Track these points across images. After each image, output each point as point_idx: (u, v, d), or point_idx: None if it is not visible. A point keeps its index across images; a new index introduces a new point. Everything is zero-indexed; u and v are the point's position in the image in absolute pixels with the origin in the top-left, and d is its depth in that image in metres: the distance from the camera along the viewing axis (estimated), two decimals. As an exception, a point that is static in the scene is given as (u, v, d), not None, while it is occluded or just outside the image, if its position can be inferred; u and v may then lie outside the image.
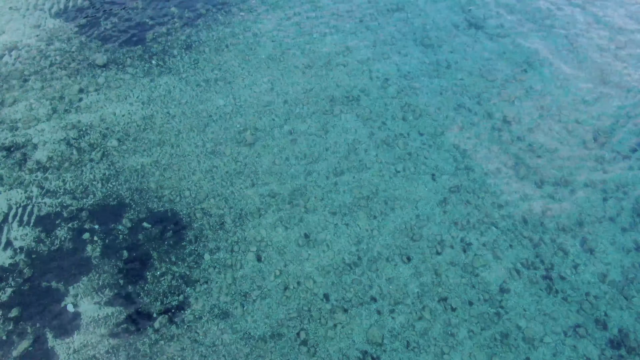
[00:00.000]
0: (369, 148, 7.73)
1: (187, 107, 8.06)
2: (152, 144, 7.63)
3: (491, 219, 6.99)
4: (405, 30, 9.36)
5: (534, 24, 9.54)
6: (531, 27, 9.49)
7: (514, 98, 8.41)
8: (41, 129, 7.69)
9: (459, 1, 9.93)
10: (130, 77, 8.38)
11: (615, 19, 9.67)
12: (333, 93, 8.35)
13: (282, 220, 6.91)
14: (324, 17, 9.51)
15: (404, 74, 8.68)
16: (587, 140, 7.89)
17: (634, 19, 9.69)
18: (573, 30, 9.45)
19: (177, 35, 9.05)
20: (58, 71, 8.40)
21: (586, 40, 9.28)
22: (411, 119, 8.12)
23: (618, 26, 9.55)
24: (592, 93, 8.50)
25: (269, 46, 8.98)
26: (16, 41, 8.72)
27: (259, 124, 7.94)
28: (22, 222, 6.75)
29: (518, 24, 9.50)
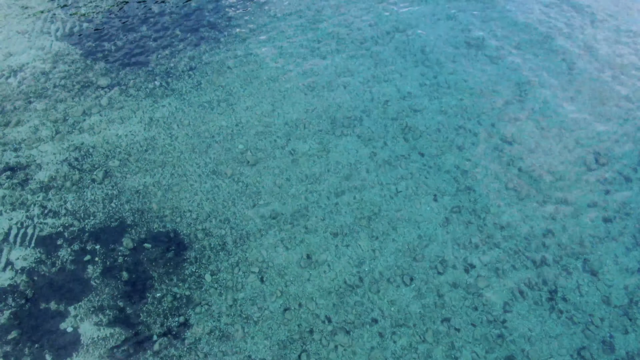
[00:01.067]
0: (370, 168, 7.87)
1: (189, 128, 8.25)
2: (154, 164, 7.78)
3: (493, 239, 7.07)
4: (405, 52, 9.61)
5: (533, 46, 9.79)
6: (530, 49, 9.74)
7: (514, 119, 8.59)
8: (44, 150, 7.86)
9: (459, 24, 10.22)
10: (133, 99, 8.60)
11: (613, 43, 9.93)
12: (334, 114, 8.55)
13: (283, 241, 7.00)
14: (325, 39, 9.78)
15: (405, 95, 8.89)
16: (588, 161, 8.03)
17: (630, 45, 9.94)
18: (571, 53, 9.69)
19: (180, 58, 9.31)
20: (62, 93, 8.62)
21: (584, 62, 9.52)
22: (412, 139, 8.28)
23: (615, 50, 9.79)
24: (592, 114, 8.68)
25: (270, 68, 9.23)
26: (22, 63, 8.98)
27: (261, 144, 8.11)
28: (23, 243, 6.85)
29: (517, 46, 9.76)
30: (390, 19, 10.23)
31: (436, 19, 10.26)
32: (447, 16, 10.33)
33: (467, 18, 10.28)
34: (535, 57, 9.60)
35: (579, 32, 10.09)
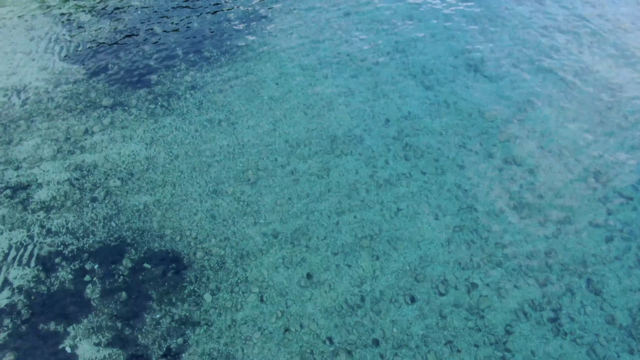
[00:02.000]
0: (370, 187, 7.96)
1: (190, 147, 8.38)
2: (154, 183, 7.89)
3: (495, 259, 7.11)
4: (405, 72, 9.82)
5: (532, 66, 10.00)
6: (529, 69, 9.94)
7: (514, 138, 8.72)
8: (45, 169, 7.98)
9: (458, 44, 10.45)
10: (135, 118, 8.76)
11: (611, 63, 10.13)
12: (335, 133, 8.69)
13: (284, 260, 7.05)
14: (326, 59, 10.00)
15: (405, 114, 9.04)
16: (589, 180, 8.12)
17: (628, 64, 10.15)
18: (570, 72, 9.89)
19: (182, 77, 9.51)
20: (64, 112, 8.78)
21: (583, 82, 9.70)
22: (413, 158, 8.40)
23: (614, 69, 9.99)
24: (591, 133, 8.81)
25: (271, 88, 9.41)
26: (25, 83, 9.17)
27: (261, 163, 8.22)
28: (22, 262, 6.90)
29: (515, 66, 9.97)
30: (390, 40, 10.47)
31: (435, 39, 10.50)
32: (446, 37, 10.57)
33: (466, 39, 10.53)
34: (534, 76, 9.80)
35: (577, 51, 10.31)
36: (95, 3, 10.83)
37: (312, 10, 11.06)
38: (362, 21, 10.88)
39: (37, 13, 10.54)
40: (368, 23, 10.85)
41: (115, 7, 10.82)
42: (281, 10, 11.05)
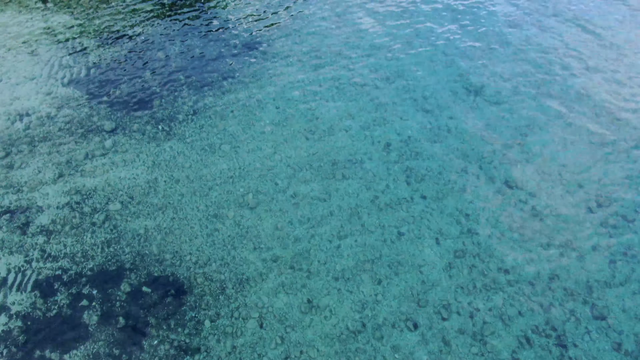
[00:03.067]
0: (371, 211, 8.04)
1: (191, 171, 8.49)
2: (155, 207, 7.96)
3: (498, 283, 7.13)
4: (405, 97, 10.02)
5: (530, 91, 10.21)
6: (528, 94, 10.15)
7: (514, 162, 8.84)
8: (46, 193, 8.07)
9: (457, 69, 10.70)
10: (136, 142, 8.90)
11: (609, 88, 10.35)
12: (336, 157, 8.82)
13: (284, 286, 7.06)
14: (326, 84, 10.22)
15: (406, 138, 9.19)
16: (591, 204, 8.20)
17: (627, 89, 10.37)
18: (569, 98, 10.09)
19: (184, 102, 9.71)
20: (66, 136, 8.94)
21: (582, 107, 9.89)
22: (414, 182, 8.50)
23: (612, 94, 10.20)
24: (592, 157, 8.94)
25: (272, 112, 9.60)
26: (28, 108, 9.36)
27: (262, 187, 8.32)
28: (20, 287, 6.92)
29: (514, 91, 10.18)
30: (390, 65, 10.73)
31: (435, 65, 10.75)
32: (445, 62, 10.83)
33: (466, 64, 10.78)
34: (533, 101, 9.99)
35: (575, 77, 10.55)
36: (99, 29, 11.14)
37: (313, 36, 11.36)
38: (361, 46, 11.16)
39: (41, 39, 10.83)
40: (367, 48, 11.12)
41: (118, 33, 11.12)
42: (282, 36, 11.34)
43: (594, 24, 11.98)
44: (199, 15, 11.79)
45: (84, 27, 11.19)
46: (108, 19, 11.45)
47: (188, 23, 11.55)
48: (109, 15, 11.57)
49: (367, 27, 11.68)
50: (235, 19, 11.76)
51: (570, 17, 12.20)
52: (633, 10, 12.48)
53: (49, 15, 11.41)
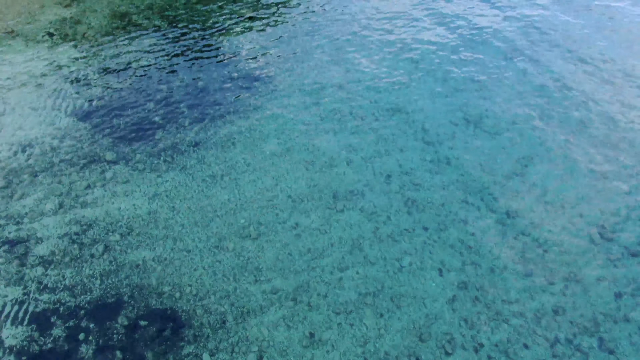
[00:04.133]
0: (373, 243, 8.07)
1: (192, 202, 8.57)
2: (155, 238, 7.99)
3: (502, 316, 7.09)
4: (405, 129, 10.21)
5: (529, 122, 10.41)
6: (527, 125, 10.35)
7: (516, 193, 8.94)
8: (46, 224, 8.11)
9: (456, 101, 10.94)
10: (137, 173, 9.02)
11: (608, 122, 10.57)
12: (336, 189, 8.92)
13: (285, 319, 7.02)
14: (327, 116, 10.42)
15: (406, 170, 9.32)
16: (594, 235, 8.24)
17: (626, 120, 10.58)
18: (568, 130, 10.29)
19: (186, 133, 9.88)
20: (68, 167, 9.06)
21: (581, 138, 10.07)
22: (415, 213, 8.56)
23: (611, 128, 10.41)
24: (593, 188, 9.04)
25: (273, 143, 9.75)
26: (31, 138, 9.52)
27: (263, 218, 8.38)
28: (16, 320, 6.87)
29: (513, 122, 10.39)
30: (390, 97, 10.97)
31: (434, 97, 11.00)
32: (444, 94, 11.09)
33: (464, 96, 11.03)
34: (533, 132, 10.18)
35: (574, 108, 10.77)
36: (103, 62, 11.44)
37: (314, 69, 11.67)
38: (361, 79, 11.44)
39: (46, 71, 11.11)
40: (367, 81, 11.40)
41: (122, 65, 11.42)
42: (283, 69, 11.65)
43: (591, 57, 12.32)
44: (202, 48, 12.13)
45: (88, 60, 11.50)
46: (112, 52, 11.78)
47: (191, 56, 11.87)
48: (113, 49, 11.90)
49: (366, 60, 12.01)
50: (238, 52, 12.10)
51: (569, 49, 12.56)
52: (630, 42, 12.86)
53: (54, 49, 11.74)
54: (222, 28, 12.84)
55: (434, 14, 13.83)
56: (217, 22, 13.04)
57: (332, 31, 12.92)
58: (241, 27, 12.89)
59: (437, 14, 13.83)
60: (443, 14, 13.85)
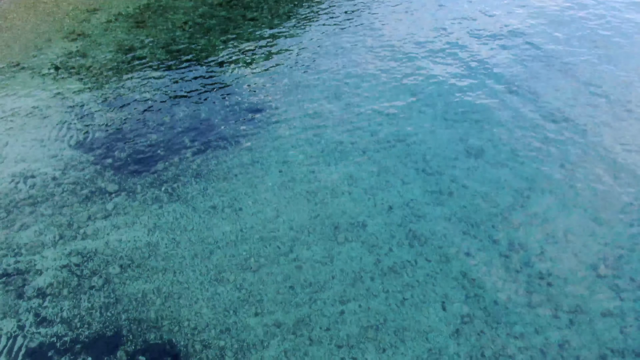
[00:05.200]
0: (375, 276, 8.06)
1: (193, 234, 8.61)
2: (155, 270, 8.00)
3: (507, 351, 7.01)
4: (406, 160, 10.35)
5: (530, 153, 10.56)
6: (528, 157, 10.49)
7: (518, 224, 8.98)
8: (45, 255, 8.13)
9: (457, 133, 11.12)
10: (139, 204, 9.09)
11: (608, 150, 10.72)
12: (338, 220, 8.97)
13: (287, 353, 6.94)
14: (328, 148, 10.58)
15: (408, 201, 9.39)
16: (598, 267, 8.23)
17: (625, 151, 10.73)
18: (569, 160, 10.42)
19: (188, 164, 10.01)
20: (69, 198, 9.14)
21: (583, 169, 10.19)
22: (417, 245, 8.58)
23: (612, 157, 10.54)
24: (596, 220, 9.09)
25: (275, 175, 9.87)
26: (33, 169, 9.65)
27: (264, 250, 8.40)
28: (10, 355, 6.80)
29: (514, 153, 10.54)
30: (391, 129, 11.17)
31: (434, 128, 11.20)
32: (445, 126, 11.28)
33: (465, 128, 11.23)
34: (534, 163, 10.30)
35: (573, 140, 10.94)
36: (107, 94, 11.71)
37: (315, 101, 11.92)
38: (362, 112, 11.67)
39: (51, 103, 11.36)
40: (368, 113, 11.63)
41: (126, 98, 11.68)
42: (286, 102, 11.90)
43: (591, 88, 12.59)
44: (205, 80, 12.43)
45: (93, 92, 11.76)
46: (116, 85, 12.07)
47: (194, 88, 12.15)
48: (117, 81, 12.20)
49: (366, 92, 12.27)
50: (240, 84, 12.39)
51: (569, 81, 12.85)
52: (630, 72, 13.16)
53: (59, 81, 12.03)
54: (224, 61, 13.18)
55: (432, 45, 14.22)
56: (219, 55, 13.40)
57: (332, 64, 13.26)
58: (243, 61, 13.24)
59: (436, 45, 14.21)
60: (442, 46, 14.24)
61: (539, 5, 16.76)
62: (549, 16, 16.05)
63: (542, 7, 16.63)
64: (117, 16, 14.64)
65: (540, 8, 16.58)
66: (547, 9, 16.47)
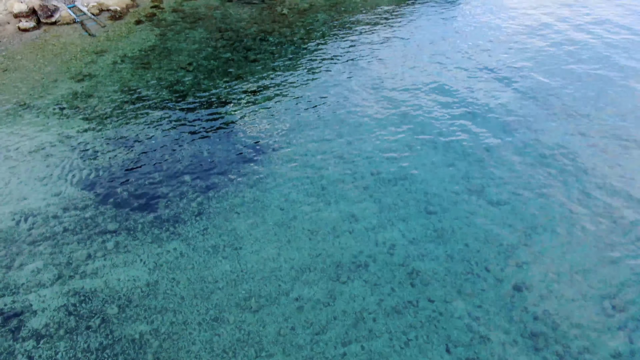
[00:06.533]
0: (377, 316, 7.96)
1: (193, 273, 8.58)
2: (153, 311, 7.92)
3: (515, 396, 6.85)
4: (408, 199, 10.42)
5: (531, 192, 10.64)
6: (529, 195, 10.56)
7: (522, 264, 8.94)
8: (43, 295, 8.08)
9: (458, 171, 11.25)
10: (139, 243, 9.11)
11: (609, 189, 10.80)
12: (340, 259, 8.95)
13: (287, 398, 6.78)
14: (330, 187, 10.68)
15: (410, 240, 9.40)
16: (605, 307, 8.14)
17: (625, 189, 10.81)
18: (570, 199, 10.49)
19: (189, 203, 10.09)
20: (69, 237, 9.17)
21: (584, 207, 10.24)
22: (420, 285, 8.53)
23: (613, 196, 10.61)
24: (600, 258, 9.06)
25: (276, 213, 9.92)
26: (34, 208, 9.72)
27: (265, 290, 8.34)
28: (3, 399, 6.66)
29: (515, 192, 10.62)
30: (392, 167, 11.30)
31: (436, 167, 11.33)
32: (446, 164, 11.42)
33: (466, 166, 11.36)
34: (535, 201, 10.37)
35: (575, 180, 11.04)
36: (111, 133, 11.93)
37: (316, 140, 12.12)
38: (363, 150, 11.85)
39: (55, 142, 11.56)
40: (369, 151, 11.80)
41: (129, 137, 11.89)
42: (287, 141, 12.10)
43: (590, 127, 12.81)
44: (207, 120, 12.69)
45: (96, 132, 11.99)
46: (120, 124, 12.32)
47: (197, 127, 12.39)
48: (121, 121, 12.46)
49: (367, 132, 12.49)
50: (242, 124, 12.64)
51: (567, 120, 13.09)
52: (627, 112, 13.42)
53: (64, 121, 12.30)
54: (226, 102, 13.50)
55: (431, 86, 14.58)
56: (222, 96, 13.73)
57: (333, 104, 13.56)
58: (245, 101, 13.56)
59: (434, 86, 14.57)
60: (442, 85, 14.59)
61: (533, 45, 17.28)
62: (544, 55, 16.52)
63: (536, 47, 17.14)
64: (123, 58, 15.10)
65: (535, 47, 17.09)
66: (542, 49, 16.98)
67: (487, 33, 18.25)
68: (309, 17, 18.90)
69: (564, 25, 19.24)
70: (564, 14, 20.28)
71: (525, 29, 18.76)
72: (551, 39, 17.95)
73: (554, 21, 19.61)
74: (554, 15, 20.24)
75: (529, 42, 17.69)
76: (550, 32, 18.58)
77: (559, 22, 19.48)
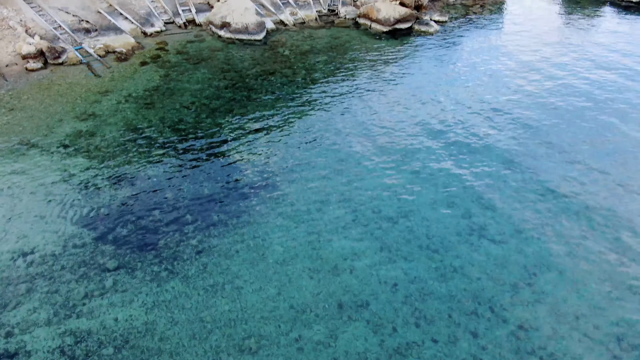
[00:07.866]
0: (381, 357, 7.79)
1: (192, 313, 8.45)
2: (150, 352, 7.75)
3: None
4: (409, 237, 10.39)
5: (534, 229, 10.62)
6: (532, 233, 10.54)
7: (526, 303, 8.82)
8: (37, 335, 7.94)
9: (459, 210, 11.27)
10: (137, 282, 9.02)
11: (610, 229, 10.79)
12: (341, 298, 8.84)
13: None
14: (330, 224, 10.67)
15: (412, 278, 9.31)
16: (612, 347, 7.97)
17: (627, 228, 10.80)
18: (573, 237, 10.46)
19: (189, 241, 10.06)
20: (67, 275, 9.09)
21: (587, 247, 10.20)
22: (423, 325, 8.38)
23: (615, 235, 10.59)
24: (605, 297, 8.94)
25: (277, 251, 9.88)
26: (33, 246, 9.69)
27: (264, 330, 8.19)
28: None
29: (517, 230, 10.60)
30: (393, 205, 11.33)
31: (437, 205, 11.36)
32: (446, 203, 11.46)
33: (466, 205, 11.39)
34: (538, 240, 10.33)
35: (577, 217, 11.05)
36: (113, 171, 12.04)
37: (317, 179, 12.21)
38: (363, 188, 11.92)
39: (57, 180, 11.65)
40: (370, 189, 11.86)
41: (131, 175, 11.99)
42: (288, 179, 12.20)
43: (588, 164, 12.92)
44: (209, 158, 12.83)
45: (98, 170, 12.11)
46: (122, 163, 12.45)
47: (198, 166, 12.52)
48: (123, 159, 12.60)
49: (367, 171, 12.61)
50: (243, 162, 12.77)
51: (565, 157, 13.22)
52: (622, 150, 13.57)
53: (67, 159, 12.44)
54: (228, 139, 13.70)
55: (430, 126, 14.81)
56: (224, 133, 13.95)
57: (333, 143, 13.74)
58: (247, 138, 13.75)
59: (434, 126, 14.81)
60: (441, 123, 14.83)
61: (530, 87, 17.69)
62: (541, 96, 16.88)
63: (533, 89, 17.54)
64: (127, 98, 15.43)
65: (531, 90, 17.48)
66: (538, 91, 17.36)
67: (482, 73, 18.71)
68: (310, 58, 19.44)
69: (558, 66, 19.76)
70: (551, 54, 20.87)
71: (520, 69, 19.25)
72: (550, 85, 18.37)
73: (548, 60, 20.15)
74: (540, 54, 20.83)
75: (528, 87, 18.11)
76: (543, 72, 19.06)
77: (553, 62, 20.01)
